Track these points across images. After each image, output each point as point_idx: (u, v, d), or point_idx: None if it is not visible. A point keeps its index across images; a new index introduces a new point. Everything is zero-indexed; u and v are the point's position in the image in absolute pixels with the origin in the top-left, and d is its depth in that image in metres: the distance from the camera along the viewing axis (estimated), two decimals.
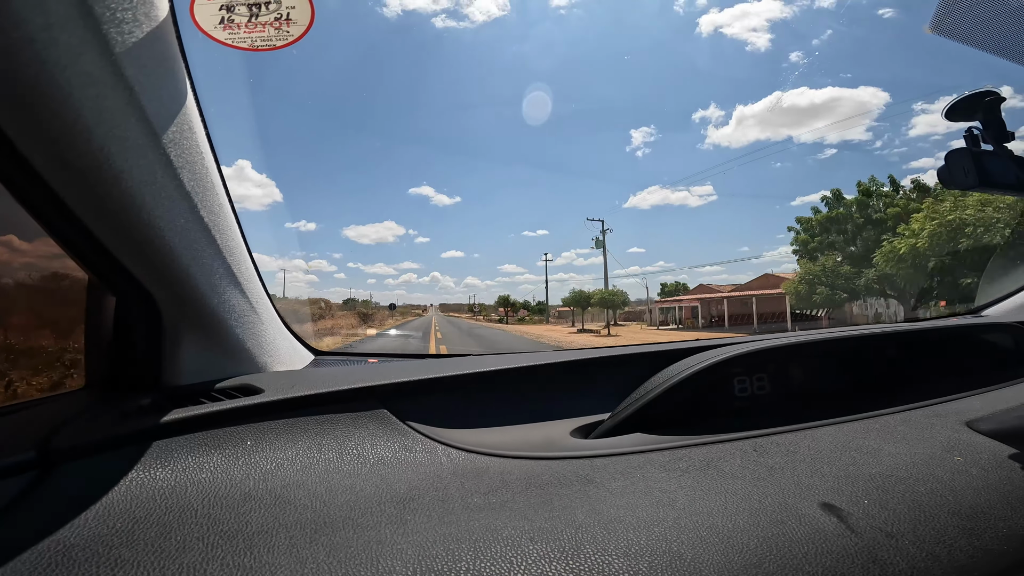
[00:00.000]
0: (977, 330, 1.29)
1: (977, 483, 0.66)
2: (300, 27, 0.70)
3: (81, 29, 0.46)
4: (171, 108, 0.62)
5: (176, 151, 0.64)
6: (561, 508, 0.59)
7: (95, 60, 0.49)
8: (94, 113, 0.51)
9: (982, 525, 0.58)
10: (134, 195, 0.59)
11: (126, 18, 0.50)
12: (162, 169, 0.62)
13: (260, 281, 0.99)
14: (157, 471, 0.61)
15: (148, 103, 0.56)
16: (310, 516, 0.57)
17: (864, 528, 0.56)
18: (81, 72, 0.48)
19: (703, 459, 0.72)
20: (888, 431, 0.82)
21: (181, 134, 0.64)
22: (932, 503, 0.61)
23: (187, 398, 0.77)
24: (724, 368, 0.94)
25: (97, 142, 0.52)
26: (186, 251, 0.71)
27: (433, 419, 0.83)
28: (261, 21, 0.68)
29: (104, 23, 0.48)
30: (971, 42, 0.75)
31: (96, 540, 0.50)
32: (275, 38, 0.70)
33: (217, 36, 0.68)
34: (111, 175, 0.56)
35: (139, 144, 0.58)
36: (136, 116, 0.56)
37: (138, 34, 0.52)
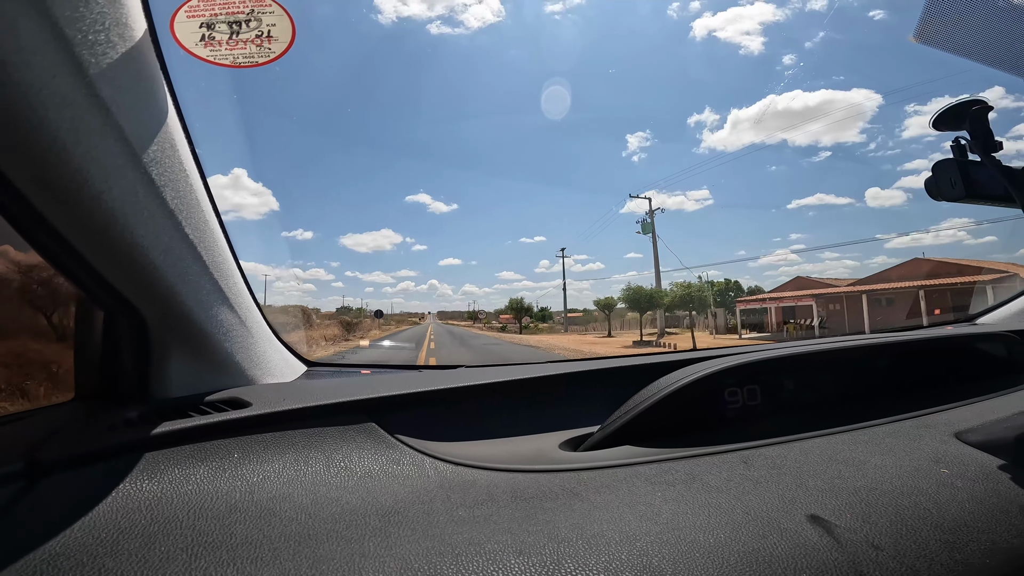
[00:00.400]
0: (969, 340, 1.28)
1: (962, 496, 0.65)
2: (282, 44, 0.70)
3: (53, 51, 0.47)
4: (151, 127, 0.63)
5: (158, 170, 0.64)
6: (545, 522, 0.59)
7: (69, 81, 0.49)
8: (71, 134, 0.51)
9: (964, 539, 0.58)
10: (116, 215, 0.60)
11: (99, 40, 0.51)
12: (144, 188, 0.63)
13: (250, 294, 0.99)
14: (144, 483, 0.62)
15: (126, 123, 0.57)
16: (295, 529, 0.57)
17: (846, 542, 0.55)
18: (55, 94, 0.48)
19: (689, 472, 0.72)
20: (875, 443, 0.81)
21: (163, 152, 0.65)
22: (915, 516, 0.60)
23: (175, 411, 0.77)
24: (715, 380, 0.93)
25: (75, 163, 0.53)
26: (171, 269, 0.72)
27: (422, 432, 0.83)
28: (242, 38, 0.68)
29: (76, 45, 0.48)
30: (957, 50, 0.75)
31: (81, 550, 0.50)
32: (257, 55, 0.70)
33: (199, 53, 0.69)
34: (91, 195, 0.56)
35: (119, 164, 0.58)
36: (114, 136, 0.56)
37: (112, 55, 0.53)
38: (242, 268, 0.94)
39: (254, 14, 0.68)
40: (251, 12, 0.67)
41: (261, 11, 0.68)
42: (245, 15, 0.67)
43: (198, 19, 0.66)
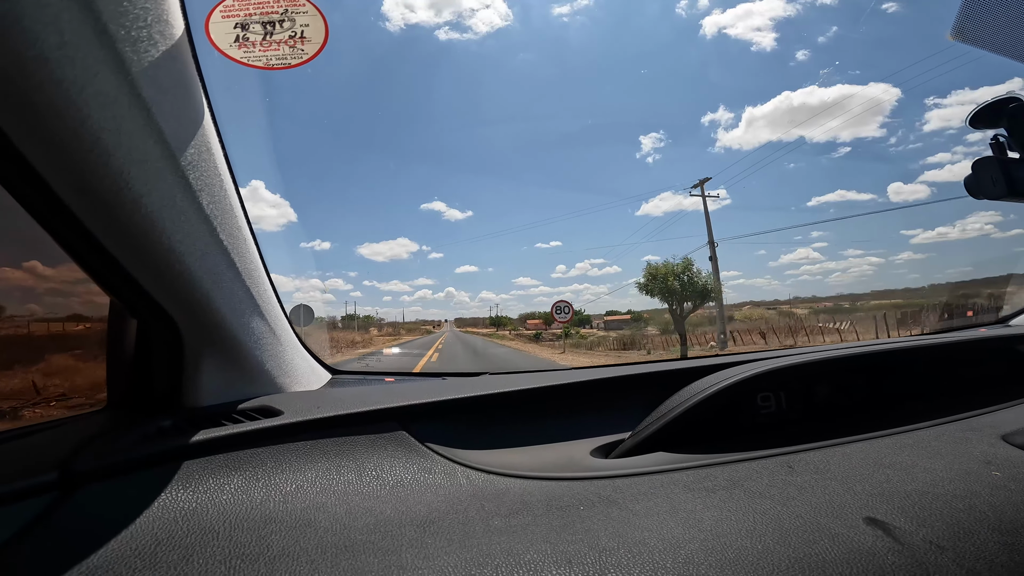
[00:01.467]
0: (1006, 341, 1.26)
1: (1017, 498, 0.64)
2: (315, 45, 0.69)
3: (96, 48, 0.45)
4: (189, 129, 0.62)
5: (195, 173, 0.63)
6: (584, 531, 0.57)
7: (112, 79, 0.48)
8: (113, 135, 0.50)
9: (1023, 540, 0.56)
10: (154, 219, 0.59)
11: (141, 36, 0.49)
12: (181, 192, 0.62)
13: (279, 302, 0.99)
14: (178, 492, 0.61)
15: (166, 124, 0.56)
16: (331, 540, 0.56)
17: (905, 545, 0.54)
18: (98, 92, 0.47)
19: (729, 478, 0.70)
20: (922, 446, 0.80)
21: (199, 156, 0.64)
22: (971, 519, 0.59)
23: (208, 419, 0.76)
24: (748, 385, 0.92)
25: (116, 165, 0.52)
26: (207, 275, 0.71)
27: (451, 440, 0.82)
28: (276, 39, 0.67)
29: (119, 42, 0.47)
30: (996, 48, 0.74)
31: (118, 562, 0.49)
32: (290, 56, 0.69)
33: (232, 54, 0.68)
34: (131, 199, 0.55)
35: (158, 167, 0.57)
36: (154, 138, 0.55)
37: (154, 53, 0.52)
38: (271, 276, 0.93)
39: (288, 14, 0.67)
40: (285, 12, 0.67)
41: (295, 11, 0.67)
42: (279, 15, 0.67)
43: (233, 19, 0.65)
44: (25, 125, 0.46)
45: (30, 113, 0.45)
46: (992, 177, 0.74)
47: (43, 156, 0.49)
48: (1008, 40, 0.72)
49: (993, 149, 0.77)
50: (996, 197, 0.74)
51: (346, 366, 1.32)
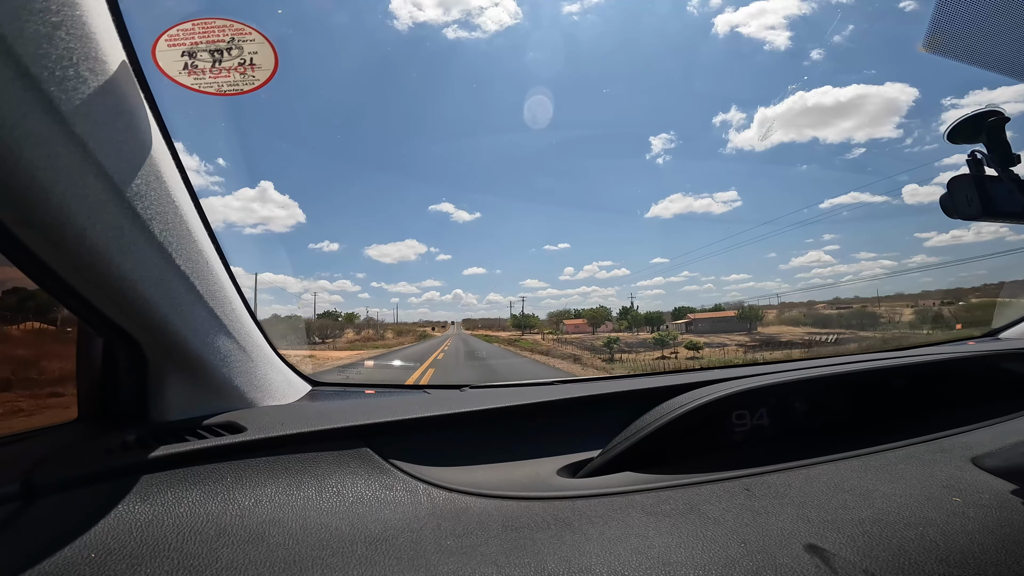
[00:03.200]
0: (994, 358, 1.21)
1: (972, 526, 0.63)
2: (265, 71, 0.70)
3: (21, 90, 0.46)
4: (134, 161, 0.62)
5: (143, 203, 0.64)
6: (533, 554, 0.58)
7: (42, 119, 0.49)
8: (49, 172, 0.51)
9: (969, 572, 0.56)
10: (100, 250, 0.60)
11: (68, 75, 0.50)
12: (129, 223, 0.62)
13: (252, 318, 1.00)
14: (136, 505, 0.62)
15: (106, 158, 0.56)
16: (280, 554, 0.57)
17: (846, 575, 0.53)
18: (28, 132, 0.48)
19: (688, 502, 0.70)
20: (887, 469, 0.79)
21: (148, 186, 0.65)
22: (920, 549, 0.58)
23: (173, 434, 0.78)
24: (723, 404, 0.91)
25: (56, 201, 0.53)
26: (163, 299, 0.72)
27: (419, 457, 0.82)
28: (225, 67, 0.68)
29: (44, 82, 0.48)
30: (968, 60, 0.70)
31: (70, 570, 0.51)
32: (241, 82, 0.70)
33: (183, 81, 0.69)
34: (74, 232, 0.56)
35: (101, 200, 0.58)
36: (94, 172, 0.56)
37: (85, 90, 0.52)
38: (242, 293, 0.94)
39: (235, 42, 0.67)
40: (231, 40, 0.67)
41: (241, 39, 0.67)
42: (226, 43, 0.67)
43: (179, 48, 0.66)
44: None
45: None
46: (967, 196, 0.71)
47: None
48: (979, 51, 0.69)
49: (970, 167, 0.73)
50: (971, 218, 0.70)
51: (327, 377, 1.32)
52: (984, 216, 0.69)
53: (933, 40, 0.69)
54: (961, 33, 0.67)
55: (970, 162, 0.73)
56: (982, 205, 0.69)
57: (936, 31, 0.68)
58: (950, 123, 0.75)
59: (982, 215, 0.69)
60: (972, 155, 0.73)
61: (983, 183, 0.71)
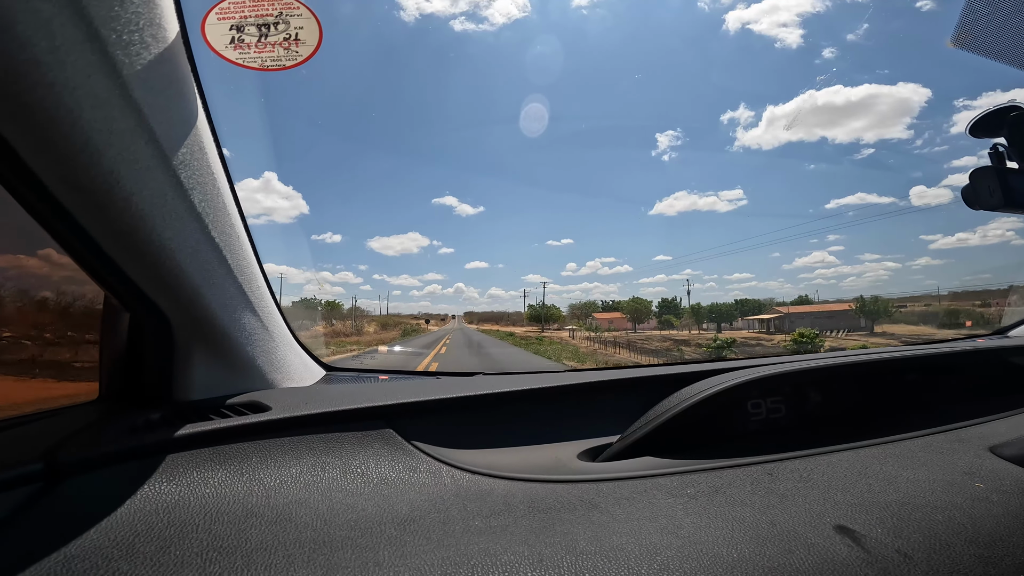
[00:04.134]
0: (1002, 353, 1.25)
1: (997, 510, 0.64)
2: (309, 47, 0.70)
3: (88, 52, 0.47)
4: (181, 129, 0.63)
5: (187, 172, 0.64)
6: (563, 534, 0.58)
7: (104, 82, 0.49)
8: (103, 135, 0.51)
9: (999, 553, 0.56)
10: (144, 217, 0.60)
11: (133, 40, 0.51)
12: (172, 190, 0.63)
13: (273, 299, 1.00)
14: (162, 485, 0.62)
15: (158, 125, 0.57)
16: (310, 535, 0.57)
17: (877, 555, 0.54)
18: (90, 94, 0.48)
19: (712, 484, 0.70)
20: (908, 456, 0.80)
21: (192, 155, 0.65)
22: (948, 531, 0.59)
23: (196, 413, 0.77)
24: (739, 392, 0.92)
25: (107, 164, 0.53)
26: (197, 271, 0.72)
27: (439, 439, 0.83)
28: (270, 41, 0.68)
29: (111, 45, 0.48)
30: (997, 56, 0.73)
31: (96, 552, 0.50)
32: (284, 58, 0.70)
33: (228, 56, 0.69)
34: (121, 197, 0.56)
35: (149, 166, 0.58)
36: (146, 138, 0.56)
37: (146, 56, 0.53)
38: (265, 272, 0.94)
39: (282, 16, 0.68)
40: (279, 15, 0.67)
41: (289, 14, 0.68)
42: (274, 17, 0.67)
43: (228, 21, 0.66)
44: (18, 125, 0.47)
45: (22, 114, 0.46)
46: (989, 187, 0.73)
47: (35, 154, 0.50)
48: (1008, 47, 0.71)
49: (992, 159, 0.76)
50: (992, 208, 0.73)
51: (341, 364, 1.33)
52: (1006, 207, 0.72)
53: (961, 36, 0.72)
54: (990, 29, 0.69)
55: (992, 154, 0.76)
56: (1004, 196, 0.72)
57: (964, 27, 0.70)
58: (972, 117, 0.78)
59: (1003, 206, 0.72)
60: (994, 148, 0.76)
61: (1005, 175, 0.73)
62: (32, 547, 0.50)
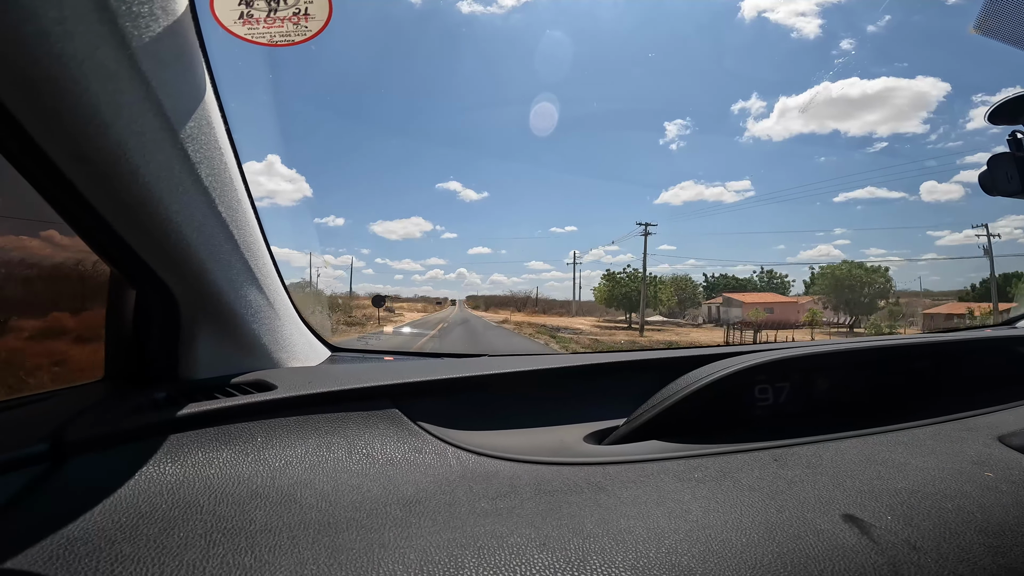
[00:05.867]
0: (1011, 342, 1.24)
1: (1007, 500, 0.63)
2: (318, 22, 0.69)
3: (96, 23, 0.46)
4: (189, 103, 0.62)
5: (194, 146, 0.63)
6: (570, 516, 0.57)
7: (112, 54, 0.48)
8: (111, 108, 0.51)
9: (1009, 543, 0.56)
10: (151, 190, 0.59)
11: (143, 12, 0.50)
12: (179, 164, 0.62)
13: (279, 277, 0.99)
14: (166, 466, 0.61)
15: (166, 98, 0.56)
16: (315, 516, 0.56)
17: (886, 544, 0.54)
18: (98, 66, 0.48)
19: (720, 469, 0.70)
20: (916, 444, 0.79)
21: (199, 129, 0.64)
22: (958, 520, 0.59)
23: (201, 392, 0.77)
24: (746, 376, 0.91)
25: (114, 137, 0.52)
26: (203, 246, 0.72)
27: (445, 420, 0.82)
28: (279, 16, 0.67)
29: (120, 17, 0.47)
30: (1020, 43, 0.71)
31: (99, 534, 0.50)
32: (293, 33, 0.69)
33: (237, 31, 0.68)
34: (128, 170, 0.56)
35: (156, 139, 0.57)
36: (153, 111, 0.55)
37: (155, 28, 0.52)
38: (271, 250, 0.94)
39: None
40: None
41: None
42: None
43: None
44: (24, 96, 0.47)
45: (29, 86, 0.46)
46: (1007, 173, 0.73)
47: (41, 126, 0.50)
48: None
49: (1010, 145, 0.75)
50: (1010, 194, 0.72)
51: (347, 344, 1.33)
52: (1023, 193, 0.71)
53: (985, 22, 0.70)
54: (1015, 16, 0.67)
55: (1010, 141, 0.75)
56: (1021, 182, 0.71)
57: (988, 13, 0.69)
58: (992, 104, 0.77)
59: (1021, 192, 0.71)
60: (1013, 135, 0.75)
61: (1023, 161, 0.73)
62: (35, 528, 0.49)
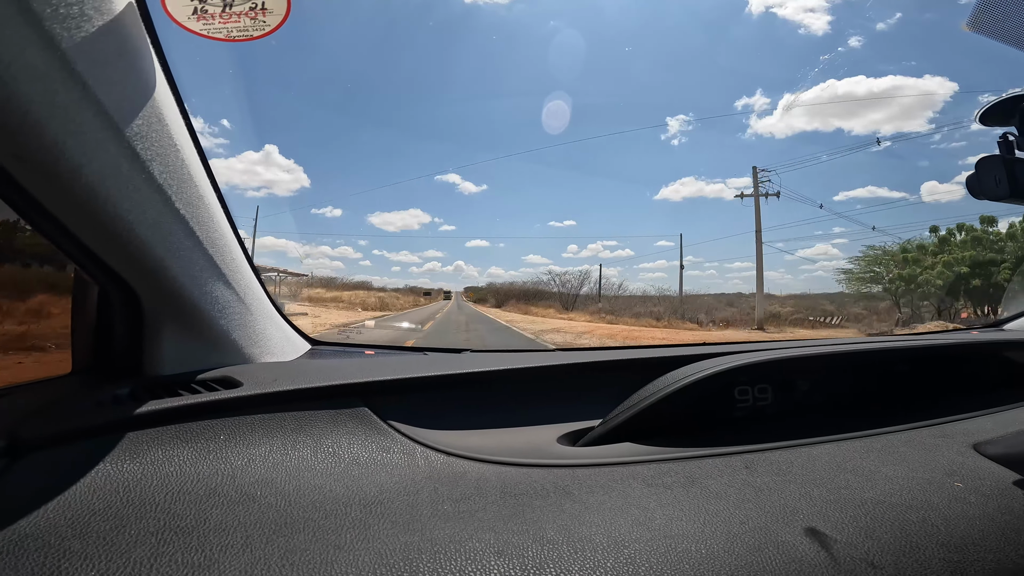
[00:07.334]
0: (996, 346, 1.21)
1: (973, 512, 0.62)
2: (277, 16, 0.67)
3: (21, 25, 0.45)
4: (135, 101, 0.61)
5: (143, 144, 0.62)
6: (532, 521, 0.57)
7: (40, 55, 0.47)
8: (45, 107, 0.50)
9: (969, 558, 0.55)
10: (96, 188, 0.58)
11: (72, 13, 0.49)
12: (128, 162, 0.61)
13: (252, 271, 0.98)
14: (123, 463, 0.60)
15: (106, 97, 0.55)
16: (272, 516, 0.55)
17: (845, 559, 0.53)
18: (26, 67, 0.47)
19: (689, 475, 0.69)
20: (889, 452, 0.78)
21: (149, 126, 0.63)
22: (921, 532, 0.58)
23: (165, 389, 0.76)
24: (726, 378, 0.90)
25: (51, 136, 0.51)
26: (160, 243, 0.70)
27: (417, 419, 0.81)
28: (235, 11, 0.65)
29: (46, 19, 0.47)
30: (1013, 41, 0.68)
31: (50, 531, 0.49)
32: (251, 28, 0.67)
33: (191, 27, 0.66)
34: (68, 169, 0.55)
35: (98, 138, 0.56)
36: (93, 110, 0.54)
37: (88, 28, 0.51)
38: (244, 244, 0.92)
39: None
40: None
41: None
42: None
43: None
44: None
45: None
46: (996, 177, 0.70)
47: None
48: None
49: (1000, 148, 0.72)
50: (998, 198, 0.69)
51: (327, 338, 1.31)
52: (1011, 197, 0.68)
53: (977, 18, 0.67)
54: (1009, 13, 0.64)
55: (1001, 144, 0.72)
56: (1010, 186, 0.68)
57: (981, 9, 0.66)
58: (983, 105, 0.74)
59: (1009, 196, 0.68)
60: (1004, 137, 0.72)
61: (1012, 165, 0.69)
62: None
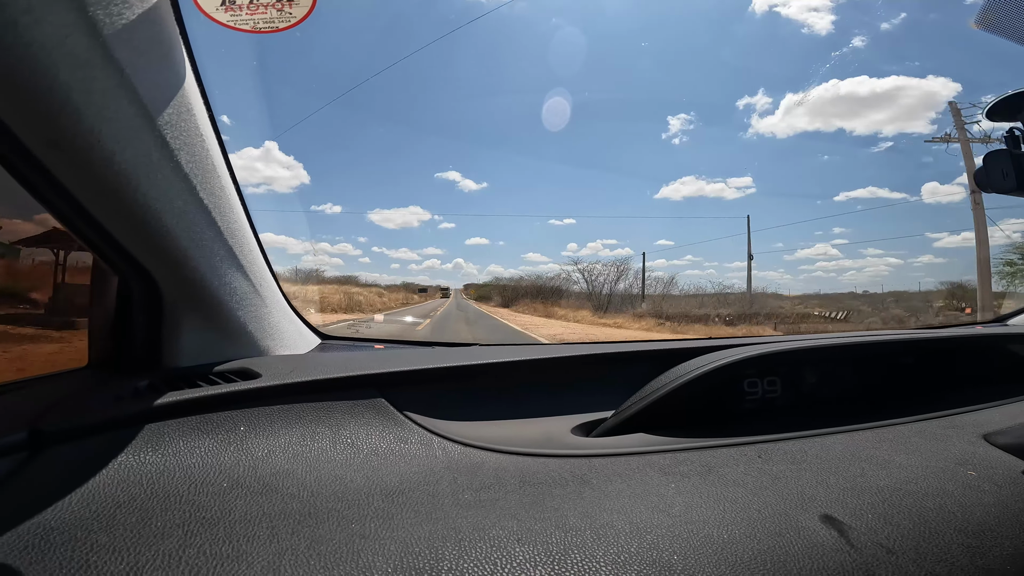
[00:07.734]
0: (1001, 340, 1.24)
1: (988, 499, 0.63)
2: (303, 8, 0.68)
3: (65, 11, 0.45)
4: (167, 91, 0.61)
5: (173, 133, 0.63)
6: (553, 509, 0.57)
7: (82, 42, 0.48)
8: (83, 94, 0.50)
9: (987, 543, 0.56)
10: (128, 176, 0.59)
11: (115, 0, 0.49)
12: (158, 151, 0.61)
13: (266, 264, 0.98)
14: (146, 455, 0.61)
15: (142, 85, 0.55)
16: (296, 506, 0.56)
17: (864, 543, 0.54)
18: (68, 54, 0.47)
19: (705, 464, 0.70)
20: (901, 442, 0.79)
21: (179, 116, 0.64)
22: (938, 519, 0.59)
23: (184, 380, 0.76)
24: (735, 370, 0.91)
25: (87, 123, 0.52)
26: (184, 232, 0.71)
27: (432, 410, 0.82)
28: (262, 2, 0.66)
29: (91, 5, 0.47)
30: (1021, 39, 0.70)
31: (76, 523, 0.49)
32: (277, 20, 0.68)
33: (219, 18, 0.67)
34: (102, 156, 0.55)
35: (132, 125, 0.57)
36: (128, 98, 0.55)
37: (129, 16, 0.51)
38: (259, 236, 0.93)
39: None
40: None
41: None
42: None
43: None
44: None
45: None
46: (1003, 170, 0.72)
47: (13, 113, 0.49)
48: None
49: (1007, 142, 0.74)
50: (1005, 191, 0.71)
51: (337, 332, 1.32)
52: (1018, 190, 0.70)
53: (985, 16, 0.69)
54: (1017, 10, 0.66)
55: (1008, 138, 0.74)
56: (1017, 179, 0.70)
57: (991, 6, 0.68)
58: (990, 101, 0.76)
59: (1016, 189, 0.70)
60: (1010, 132, 0.74)
61: (1020, 159, 0.72)
62: (10, 517, 0.49)
